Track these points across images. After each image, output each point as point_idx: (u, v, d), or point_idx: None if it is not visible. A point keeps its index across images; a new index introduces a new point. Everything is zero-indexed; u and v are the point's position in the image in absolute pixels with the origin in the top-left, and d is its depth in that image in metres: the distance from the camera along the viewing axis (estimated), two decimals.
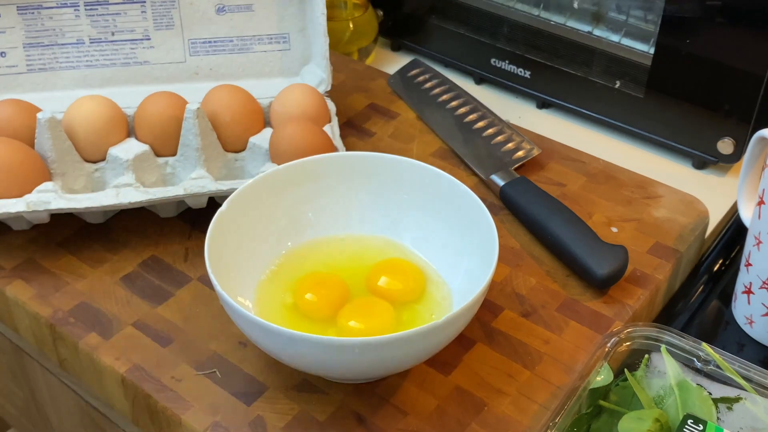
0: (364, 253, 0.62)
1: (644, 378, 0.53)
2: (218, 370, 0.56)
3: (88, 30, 0.72)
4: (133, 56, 0.74)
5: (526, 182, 0.69)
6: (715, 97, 0.73)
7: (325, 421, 0.53)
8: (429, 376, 0.56)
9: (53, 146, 0.65)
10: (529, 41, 0.83)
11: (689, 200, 0.70)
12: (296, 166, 0.61)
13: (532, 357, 0.57)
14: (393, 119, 0.79)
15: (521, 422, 0.53)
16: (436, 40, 0.90)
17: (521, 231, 0.67)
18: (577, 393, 0.51)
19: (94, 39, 0.73)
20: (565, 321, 0.60)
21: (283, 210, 0.61)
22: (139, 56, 0.74)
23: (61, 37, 0.72)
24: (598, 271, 0.61)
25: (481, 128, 0.76)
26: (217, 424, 0.53)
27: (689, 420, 0.48)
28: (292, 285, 0.59)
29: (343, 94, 0.82)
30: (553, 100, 0.84)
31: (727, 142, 0.74)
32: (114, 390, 0.58)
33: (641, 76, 0.77)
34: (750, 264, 0.60)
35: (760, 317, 0.61)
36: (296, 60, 0.76)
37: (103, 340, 0.58)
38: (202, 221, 0.67)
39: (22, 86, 0.73)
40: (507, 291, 0.62)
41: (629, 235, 0.66)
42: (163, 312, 0.60)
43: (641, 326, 0.54)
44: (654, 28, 0.76)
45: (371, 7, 0.91)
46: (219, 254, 0.54)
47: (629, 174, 0.73)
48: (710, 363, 0.52)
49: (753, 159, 0.64)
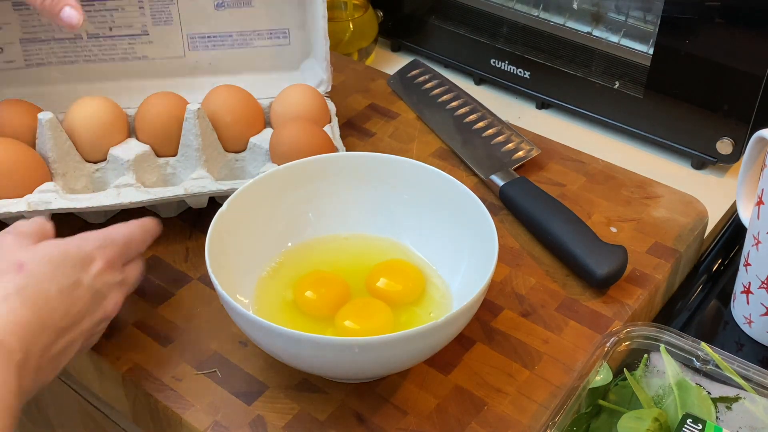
0: (364, 254, 0.62)
1: (643, 377, 0.53)
2: (218, 370, 0.56)
3: (85, 25, 0.72)
4: (132, 51, 0.74)
5: (525, 182, 0.69)
6: (714, 97, 0.73)
7: (325, 420, 0.53)
8: (429, 375, 0.56)
9: (54, 146, 0.65)
10: (529, 42, 0.83)
11: (688, 200, 0.70)
12: (296, 167, 0.61)
13: (531, 356, 0.57)
14: (393, 119, 0.79)
15: (521, 421, 0.53)
16: (436, 41, 0.90)
17: (521, 231, 0.67)
18: (576, 392, 0.51)
19: (92, 34, 0.73)
20: (565, 321, 0.60)
21: (283, 210, 0.61)
22: (137, 51, 0.74)
23: (58, 32, 0.72)
24: (597, 271, 0.61)
25: (481, 128, 0.76)
26: (218, 424, 0.53)
27: (688, 419, 0.48)
28: (293, 282, 0.59)
29: (343, 95, 0.82)
30: (553, 100, 0.84)
31: (726, 142, 0.74)
32: (115, 389, 0.58)
33: (640, 77, 0.77)
34: (749, 264, 0.60)
35: (759, 317, 0.61)
36: (296, 55, 0.77)
37: (103, 339, 0.58)
38: (203, 221, 0.67)
39: (20, 81, 0.73)
40: (507, 291, 0.62)
41: (628, 235, 0.67)
42: (163, 312, 0.61)
43: (640, 326, 0.55)
44: (653, 29, 0.76)
45: (371, 8, 0.91)
46: (219, 254, 0.54)
47: (628, 174, 0.73)
48: (709, 363, 0.53)
49: (752, 159, 0.64)
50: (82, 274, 0.51)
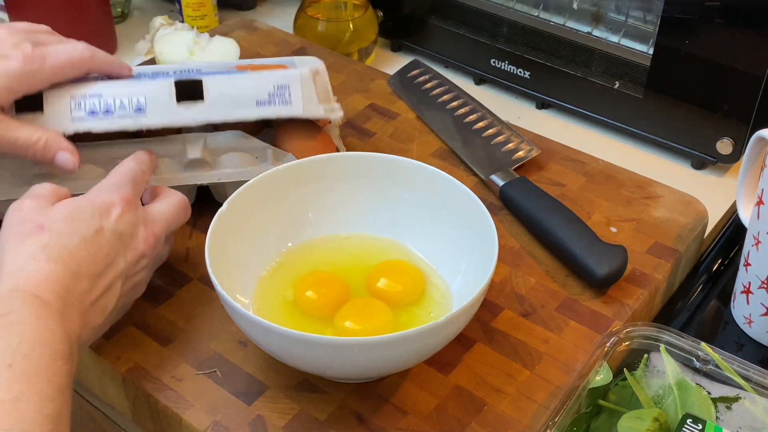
0: (364, 254, 0.62)
1: (643, 377, 0.53)
2: (218, 370, 0.56)
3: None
4: None
5: (525, 182, 0.69)
6: (714, 97, 0.73)
7: (325, 420, 0.53)
8: (429, 375, 0.56)
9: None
10: (529, 42, 0.83)
11: (688, 200, 0.70)
12: (296, 167, 0.61)
13: (531, 357, 0.57)
14: (393, 119, 0.79)
15: (521, 421, 0.53)
16: (436, 41, 0.90)
17: (521, 231, 0.67)
18: (576, 392, 0.51)
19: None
20: (565, 321, 0.60)
21: (283, 210, 0.61)
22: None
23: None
24: (597, 271, 0.61)
25: (481, 128, 0.76)
26: (218, 424, 0.53)
27: (688, 419, 0.48)
28: (294, 282, 0.59)
29: (343, 95, 0.82)
30: (553, 100, 0.84)
31: (726, 142, 0.74)
32: (115, 389, 0.58)
33: (640, 77, 0.77)
34: (749, 264, 0.60)
35: (759, 317, 0.61)
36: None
37: (103, 339, 0.58)
38: (203, 221, 0.67)
39: None
40: (506, 291, 0.62)
41: (628, 235, 0.67)
42: (163, 312, 0.61)
43: (640, 326, 0.54)
44: (653, 29, 0.76)
45: (371, 8, 0.91)
46: (219, 254, 0.54)
47: (628, 174, 0.73)
48: (709, 362, 0.53)
49: (752, 159, 0.64)
50: (102, 221, 0.54)
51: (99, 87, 0.62)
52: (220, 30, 0.91)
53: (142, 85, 0.63)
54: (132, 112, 0.62)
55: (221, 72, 0.65)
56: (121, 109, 0.62)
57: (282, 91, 0.63)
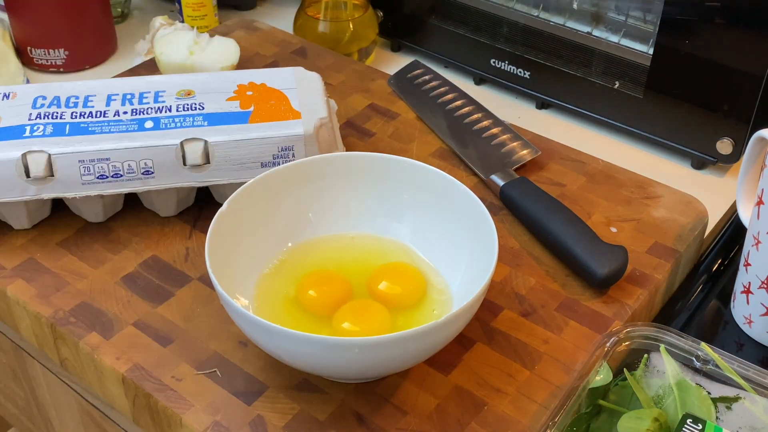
0: (364, 254, 0.62)
1: (643, 377, 0.53)
2: (218, 370, 0.56)
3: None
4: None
5: (525, 182, 0.69)
6: (714, 97, 0.73)
7: (325, 420, 0.53)
8: (429, 375, 0.56)
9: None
10: (529, 42, 0.83)
11: (688, 200, 0.70)
12: (296, 167, 0.61)
13: (531, 357, 0.57)
14: (393, 119, 0.79)
15: (521, 421, 0.53)
16: (436, 41, 0.90)
17: (521, 231, 0.67)
18: (576, 392, 0.51)
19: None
20: (565, 321, 0.60)
21: (283, 210, 0.61)
22: None
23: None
24: (597, 271, 0.61)
25: (481, 129, 0.76)
26: (218, 424, 0.53)
27: (688, 419, 0.48)
28: (297, 279, 0.59)
29: (343, 95, 0.82)
30: (553, 100, 0.84)
31: (726, 142, 0.74)
32: (114, 389, 0.58)
33: (640, 77, 0.77)
34: (749, 264, 0.60)
35: (759, 317, 0.61)
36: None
37: (103, 339, 0.58)
38: (203, 221, 0.67)
39: None
40: (507, 291, 0.62)
41: (628, 235, 0.67)
42: (163, 312, 0.61)
43: (640, 326, 0.55)
44: (653, 29, 0.76)
45: (371, 8, 0.91)
46: (219, 254, 0.54)
47: (628, 174, 0.73)
48: (709, 362, 0.53)
49: (752, 159, 0.64)
50: None
51: (106, 147, 0.63)
52: (220, 30, 0.91)
53: (149, 142, 0.63)
54: (140, 175, 0.63)
55: (222, 120, 0.65)
56: (130, 173, 0.63)
57: (286, 152, 0.65)
